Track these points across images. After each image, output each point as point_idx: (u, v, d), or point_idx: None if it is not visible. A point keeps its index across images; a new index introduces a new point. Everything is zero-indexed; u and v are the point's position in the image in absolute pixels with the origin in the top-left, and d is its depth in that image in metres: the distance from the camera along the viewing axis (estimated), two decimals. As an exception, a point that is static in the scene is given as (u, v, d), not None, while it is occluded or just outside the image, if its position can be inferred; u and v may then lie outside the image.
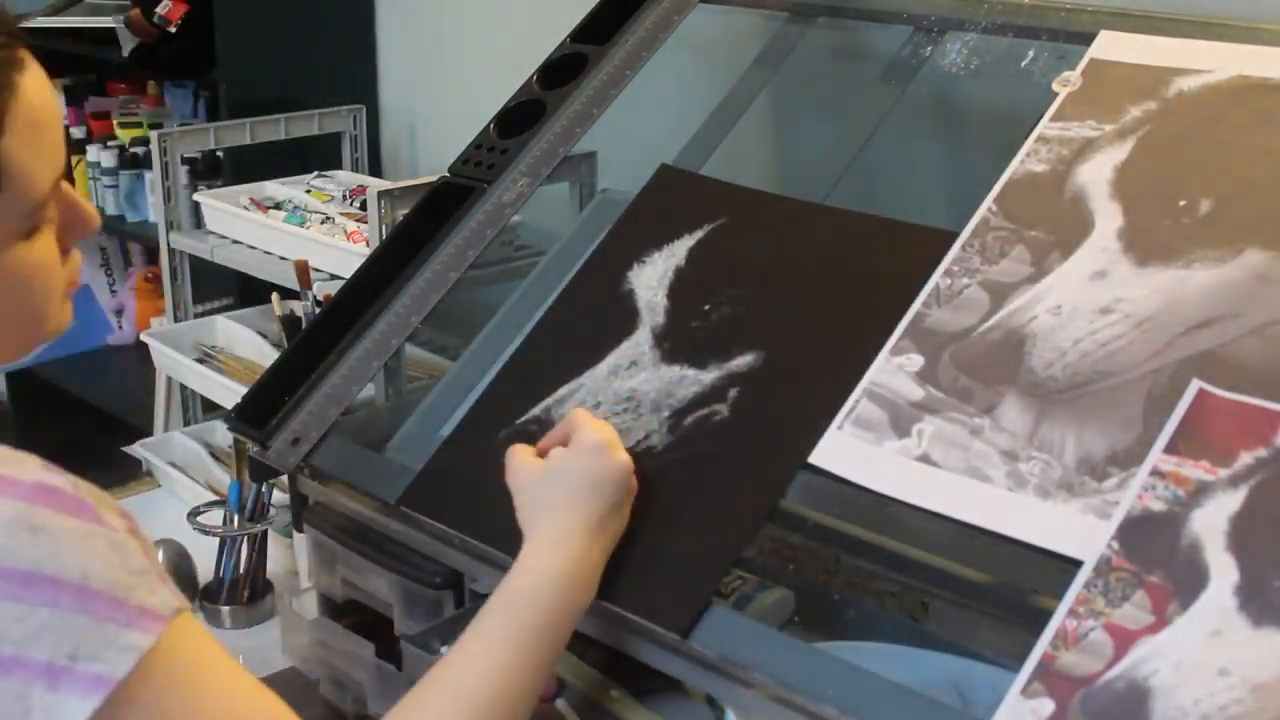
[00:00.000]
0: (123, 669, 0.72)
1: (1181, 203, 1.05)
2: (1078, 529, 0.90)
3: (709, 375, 1.12)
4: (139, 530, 0.79)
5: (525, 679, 0.93)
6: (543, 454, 1.05)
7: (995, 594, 1.02)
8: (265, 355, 2.01)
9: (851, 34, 1.63)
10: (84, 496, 0.76)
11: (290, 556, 1.64)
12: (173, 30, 2.40)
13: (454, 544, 1.14)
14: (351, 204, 2.15)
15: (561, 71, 1.49)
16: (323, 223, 2.09)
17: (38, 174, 0.84)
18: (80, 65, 2.85)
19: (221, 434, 2.00)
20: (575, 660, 1.10)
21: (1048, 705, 0.81)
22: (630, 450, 1.09)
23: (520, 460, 1.04)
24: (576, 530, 0.98)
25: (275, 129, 2.29)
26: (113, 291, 3.12)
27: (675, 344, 1.16)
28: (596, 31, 1.50)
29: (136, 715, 0.73)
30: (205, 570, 1.61)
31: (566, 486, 1.00)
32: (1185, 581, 0.82)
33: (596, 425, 1.03)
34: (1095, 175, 1.10)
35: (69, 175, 0.89)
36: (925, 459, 0.99)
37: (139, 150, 2.68)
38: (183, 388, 2.20)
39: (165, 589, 0.77)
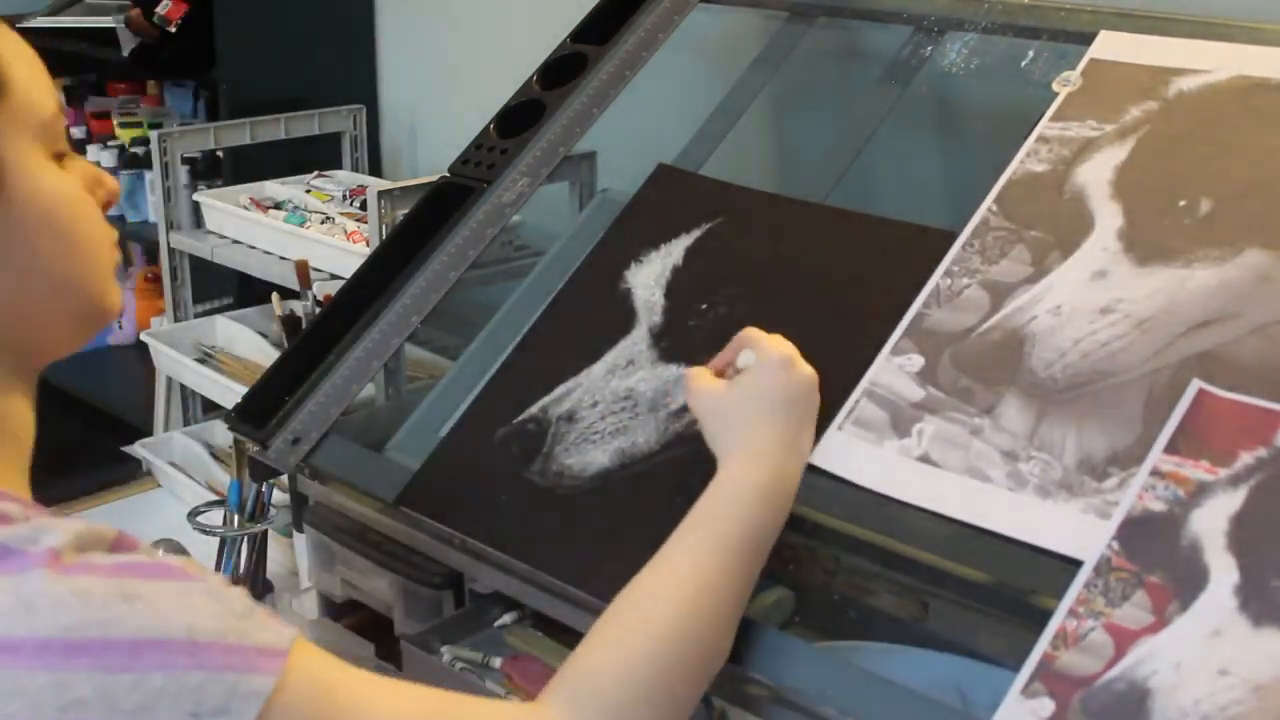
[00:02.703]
0: (248, 717, 0.69)
1: (1181, 203, 1.05)
2: (1078, 529, 0.90)
3: (708, 375, 1.12)
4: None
5: (726, 595, 0.90)
6: (719, 374, 1.03)
7: (995, 594, 1.02)
8: (265, 355, 2.01)
9: (851, 34, 1.63)
10: (168, 561, 0.74)
11: (290, 556, 1.63)
12: (173, 30, 2.40)
13: (454, 544, 1.13)
14: (351, 204, 2.15)
15: (561, 71, 1.48)
16: (323, 223, 2.09)
17: (38, 90, 0.81)
18: (80, 65, 2.85)
19: (221, 434, 2.00)
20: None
21: (1048, 705, 0.81)
22: (626, 450, 1.09)
23: (703, 383, 1.02)
24: (771, 447, 0.96)
25: (275, 129, 2.29)
26: (113, 291, 3.12)
27: (673, 343, 1.16)
28: (596, 31, 1.50)
29: None
30: (205, 570, 1.60)
31: (758, 403, 0.98)
32: (1185, 581, 0.82)
33: (777, 340, 1.01)
34: (1095, 175, 1.10)
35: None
36: (925, 459, 0.99)
37: (139, 150, 2.68)
38: (183, 388, 2.20)
39: (275, 622, 0.75)
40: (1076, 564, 0.87)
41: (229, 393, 1.88)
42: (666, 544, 0.92)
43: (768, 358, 0.99)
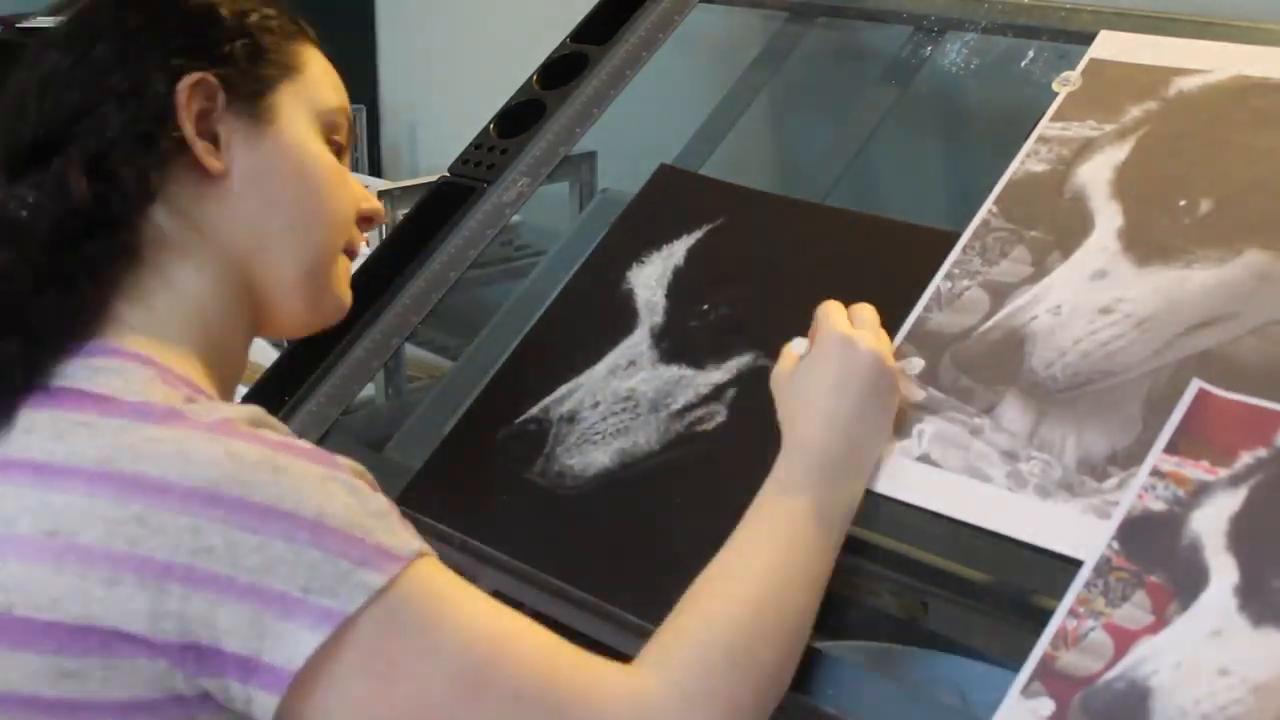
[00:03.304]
0: (353, 605, 0.73)
1: (1181, 203, 1.05)
2: (1078, 529, 0.90)
3: (707, 375, 1.12)
4: (379, 490, 0.81)
5: (799, 562, 0.90)
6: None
7: (995, 594, 1.02)
8: (265, 355, 2.01)
9: (851, 34, 1.63)
10: (333, 455, 0.80)
11: (290, 556, 1.63)
12: (173, 30, 2.40)
13: (454, 544, 1.13)
14: (351, 204, 2.15)
15: (561, 71, 1.49)
16: (323, 223, 2.09)
17: (326, 87, 0.98)
18: (80, 65, 2.85)
19: (221, 434, 2.00)
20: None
21: (1048, 705, 0.81)
22: (627, 451, 1.09)
23: (781, 365, 1.02)
24: (837, 419, 0.96)
25: (275, 129, 2.29)
26: (113, 291, 3.13)
27: (674, 344, 1.16)
28: (596, 31, 1.51)
29: (364, 650, 0.74)
30: (205, 570, 1.60)
31: (816, 382, 0.98)
32: (1185, 581, 0.82)
33: (838, 318, 1.00)
34: (1095, 175, 1.10)
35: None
36: (925, 459, 0.99)
37: (139, 150, 2.68)
38: (183, 388, 2.19)
39: (406, 533, 0.79)
40: (1076, 564, 0.87)
41: (229, 393, 1.88)
42: (737, 529, 0.92)
43: (823, 339, 1.00)
